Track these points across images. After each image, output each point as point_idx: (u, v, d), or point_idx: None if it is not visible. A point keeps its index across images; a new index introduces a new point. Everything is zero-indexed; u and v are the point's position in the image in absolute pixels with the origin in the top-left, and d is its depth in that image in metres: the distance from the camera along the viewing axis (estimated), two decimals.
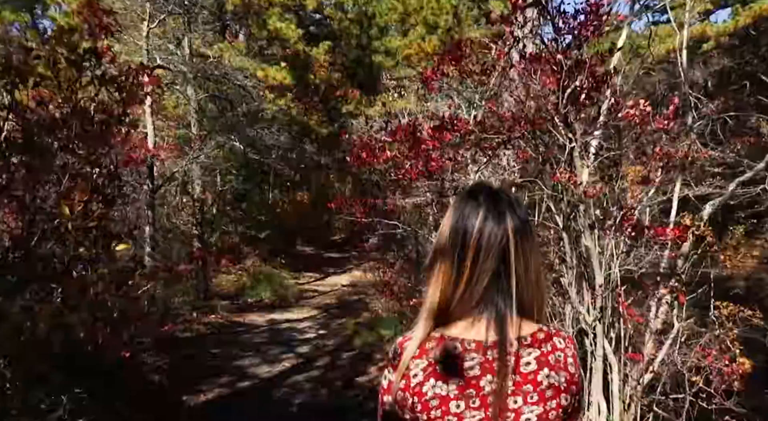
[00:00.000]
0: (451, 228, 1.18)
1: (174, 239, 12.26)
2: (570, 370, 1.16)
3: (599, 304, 4.21)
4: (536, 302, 1.19)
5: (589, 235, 4.08)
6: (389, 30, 20.66)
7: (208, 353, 8.19)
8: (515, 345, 1.12)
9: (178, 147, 10.84)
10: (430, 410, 1.10)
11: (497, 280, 1.14)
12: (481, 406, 1.10)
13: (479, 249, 1.14)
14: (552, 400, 1.12)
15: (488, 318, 1.13)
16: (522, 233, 1.16)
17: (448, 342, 1.13)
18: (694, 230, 5.32)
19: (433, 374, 1.12)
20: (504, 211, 1.17)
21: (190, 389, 6.67)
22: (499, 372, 1.10)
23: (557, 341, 1.17)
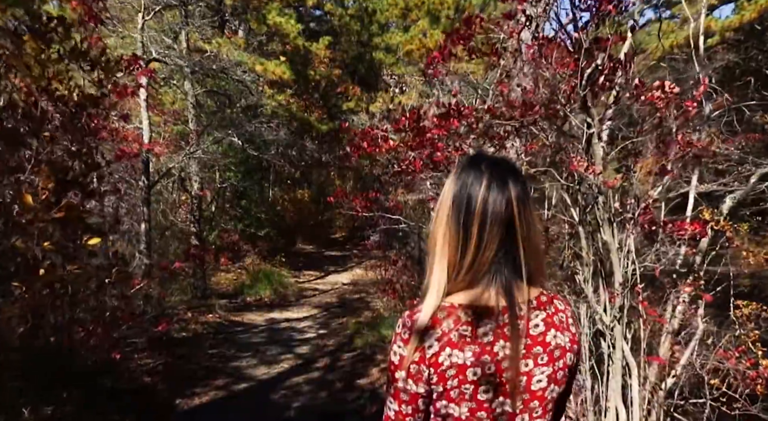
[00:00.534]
0: (454, 197, 1.16)
1: (171, 237, 11.94)
2: (572, 330, 1.19)
3: (618, 303, 3.88)
4: (538, 266, 1.19)
5: (608, 229, 3.75)
6: (390, 27, 20.37)
7: (204, 353, 7.87)
8: (524, 309, 1.13)
9: (174, 142, 10.51)
10: (447, 380, 1.09)
11: (503, 247, 1.13)
12: (496, 372, 1.09)
13: (485, 217, 1.12)
14: (559, 360, 1.14)
15: (498, 284, 1.12)
16: (524, 201, 1.15)
17: (460, 310, 1.12)
18: (713, 225, 5.01)
19: (449, 344, 1.09)
20: (507, 179, 1.15)
21: (184, 391, 6.34)
22: (512, 337, 1.09)
23: (558, 303, 1.21)
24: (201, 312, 10.03)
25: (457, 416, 1.12)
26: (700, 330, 4.07)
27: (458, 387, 1.09)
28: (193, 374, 6.96)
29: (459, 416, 1.12)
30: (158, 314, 7.53)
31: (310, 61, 16.07)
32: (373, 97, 17.83)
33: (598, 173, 3.51)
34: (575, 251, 4.32)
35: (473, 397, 1.10)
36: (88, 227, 3.27)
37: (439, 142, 4.14)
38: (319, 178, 20.95)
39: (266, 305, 11.50)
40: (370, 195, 4.98)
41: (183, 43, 11.29)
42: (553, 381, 1.15)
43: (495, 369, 1.10)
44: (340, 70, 18.22)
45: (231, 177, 13.88)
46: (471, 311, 1.12)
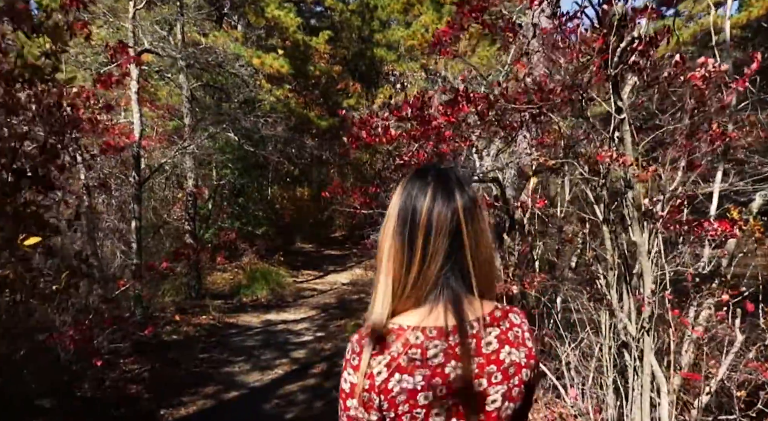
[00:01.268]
0: (399, 209, 1.13)
1: (165, 235, 11.47)
2: (528, 344, 1.15)
3: (648, 312, 3.41)
4: (489, 280, 1.15)
5: (638, 228, 3.27)
6: (391, 23, 19.93)
7: (194, 358, 7.40)
8: (476, 326, 1.09)
9: (168, 138, 10.05)
10: (398, 406, 1.05)
11: (450, 261, 1.09)
12: (448, 394, 1.05)
13: (429, 229, 1.09)
14: (515, 377, 1.10)
15: (445, 302, 1.08)
16: (471, 212, 1.11)
17: (409, 332, 1.07)
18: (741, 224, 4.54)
19: (397, 369, 1.05)
20: (452, 189, 1.12)
21: (170, 400, 5.88)
22: (464, 357, 1.05)
23: (513, 317, 1.16)
24: (194, 314, 9.57)
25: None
26: (738, 341, 3.60)
27: (409, 412, 1.05)
28: (182, 381, 6.49)
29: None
30: (145, 317, 7.05)
31: (309, 56, 15.59)
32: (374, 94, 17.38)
33: (629, 165, 3.03)
34: (596, 253, 3.86)
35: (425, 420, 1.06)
36: (45, 224, 2.81)
37: (446, 131, 3.67)
38: (319, 176, 20.47)
39: (263, 306, 11.03)
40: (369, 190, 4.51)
41: (178, 35, 10.82)
42: (508, 399, 1.10)
43: (447, 391, 1.06)
44: (340, 66, 17.76)
45: (228, 174, 13.41)
46: (420, 333, 1.07)
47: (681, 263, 4.09)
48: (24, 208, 2.65)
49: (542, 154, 3.94)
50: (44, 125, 5.51)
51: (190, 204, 11.23)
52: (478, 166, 4.25)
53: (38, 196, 2.89)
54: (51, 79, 3.11)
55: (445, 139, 3.81)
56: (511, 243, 4.85)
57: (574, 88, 3.06)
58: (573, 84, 3.05)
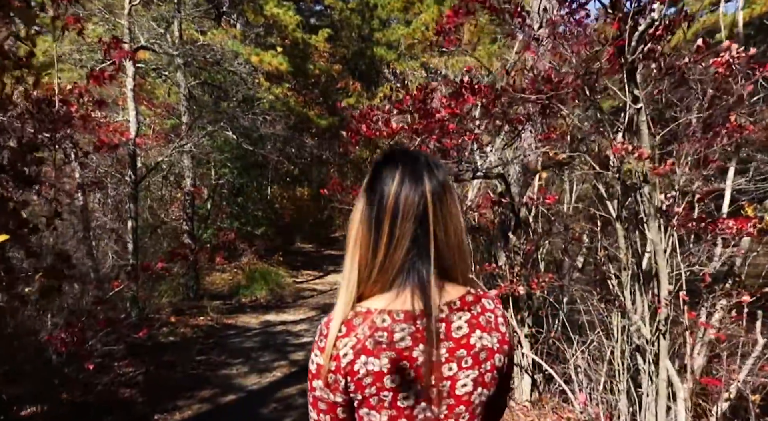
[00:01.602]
0: (367, 193, 1.12)
1: (163, 235, 11.26)
2: (501, 330, 1.12)
3: (664, 314, 3.21)
4: (460, 265, 1.12)
5: (654, 226, 3.07)
6: (391, 23, 19.73)
7: (191, 360, 7.19)
8: (445, 310, 1.07)
9: (166, 136, 9.85)
10: (365, 388, 1.04)
11: (417, 245, 1.07)
12: (417, 377, 1.04)
13: (396, 213, 1.07)
14: (486, 362, 1.08)
15: (412, 285, 1.07)
16: (440, 196, 1.10)
17: (375, 315, 1.06)
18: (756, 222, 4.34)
19: (363, 351, 1.04)
20: (421, 173, 1.10)
21: (165, 404, 5.67)
22: (429, 340, 1.04)
23: (486, 302, 1.14)
24: (192, 315, 9.37)
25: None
26: (760, 345, 3.39)
27: (377, 395, 1.04)
28: (177, 384, 6.28)
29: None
30: (141, 318, 6.85)
31: (309, 55, 15.38)
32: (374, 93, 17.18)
33: (646, 158, 2.83)
34: (608, 252, 3.66)
35: (393, 404, 1.05)
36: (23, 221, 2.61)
37: (450, 124, 3.47)
38: (319, 176, 20.24)
39: (262, 307, 10.83)
40: None
41: (175, 32, 10.62)
42: (480, 385, 1.08)
43: (415, 375, 1.04)
44: (340, 65, 17.55)
45: (227, 174, 13.20)
46: (387, 316, 1.06)
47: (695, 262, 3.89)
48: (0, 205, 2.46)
49: (551, 148, 3.73)
50: (34, 121, 5.32)
51: (188, 204, 11.03)
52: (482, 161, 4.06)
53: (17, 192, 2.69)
54: (26, 66, 2.89)
55: (448, 133, 3.60)
56: (516, 242, 4.65)
57: (587, 77, 2.85)
58: (586, 72, 2.85)
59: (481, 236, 5.31)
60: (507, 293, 4.46)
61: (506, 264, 4.58)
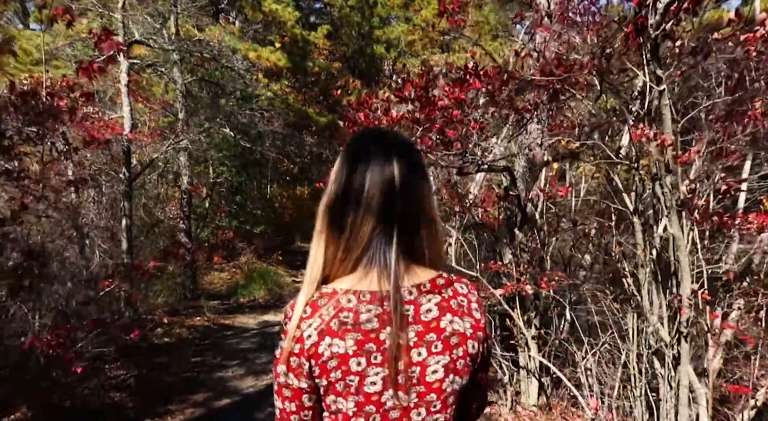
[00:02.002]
0: (335, 172, 1.09)
1: (160, 234, 11.01)
2: (475, 315, 1.07)
3: (686, 316, 2.95)
4: (432, 248, 1.09)
5: (676, 220, 2.81)
6: (391, 21, 19.47)
7: (186, 362, 6.93)
8: (414, 292, 1.03)
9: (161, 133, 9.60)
10: (330, 372, 0.98)
11: (383, 226, 1.03)
12: (384, 361, 0.99)
13: (361, 196, 1.03)
14: (458, 347, 1.03)
15: (379, 266, 1.02)
16: (410, 177, 1.06)
17: (341, 295, 1.02)
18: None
19: (328, 332, 0.99)
20: (390, 153, 1.06)
21: (156, 408, 5.42)
22: (395, 322, 0.99)
23: (459, 286, 1.09)
24: (188, 315, 9.11)
25: (345, 411, 0.99)
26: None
27: (342, 379, 0.97)
28: (170, 387, 6.03)
29: (346, 411, 0.99)
30: (133, 319, 6.59)
31: (308, 52, 15.11)
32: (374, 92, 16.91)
33: (669, 145, 2.57)
34: (623, 249, 3.40)
35: (359, 390, 0.98)
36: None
37: (454, 111, 3.21)
38: (319, 174, 19.97)
39: (260, 307, 10.58)
40: None
41: (172, 28, 10.37)
42: (451, 371, 1.01)
43: (382, 359, 0.98)
44: (339, 63, 17.29)
45: (225, 172, 12.95)
46: (353, 296, 1.01)
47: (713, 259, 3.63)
48: None
49: (563, 138, 3.47)
50: (18, 114, 5.07)
51: (185, 202, 10.79)
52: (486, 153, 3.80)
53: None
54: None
55: (451, 122, 3.35)
56: (523, 239, 4.39)
57: (603, 58, 2.60)
58: (602, 52, 2.59)
59: (484, 233, 5.05)
60: (514, 292, 4.21)
61: (512, 262, 4.32)
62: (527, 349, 4.62)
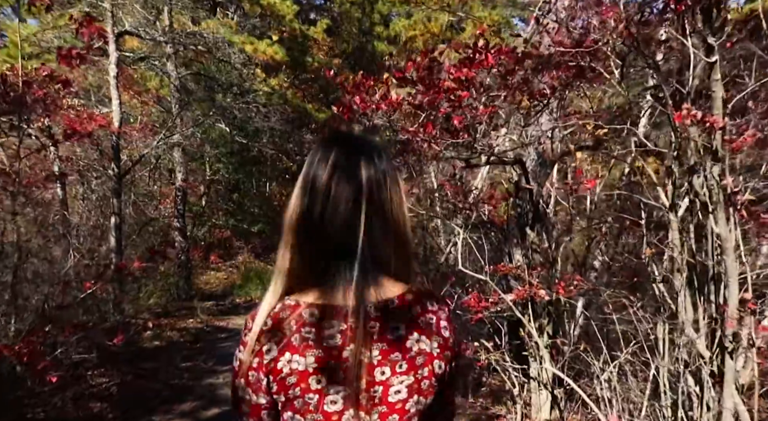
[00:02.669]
0: (303, 177, 1.02)
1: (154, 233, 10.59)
2: (444, 334, 1.01)
3: (733, 329, 2.51)
4: (401, 260, 1.02)
5: (723, 216, 2.37)
6: (392, 18, 19.07)
7: (175, 367, 6.51)
8: (380, 309, 0.97)
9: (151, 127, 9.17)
10: (288, 389, 0.93)
11: (350, 236, 0.96)
12: (346, 380, 0.93)
13: (328, 199, 0.97)
14: (424, 367, 0.97)
15: (345, 279, 0.96)
16: (379, 185, 1.00)
17: (304, 309, 0.96)
18: None
19: (288, 348, 0.93)
20: (358, 159, 1.00)
21: (139, 419, 4.99)
22: (359, 340, 0.93)
23: (428, 302, 1.02)
24: (180, 316, 8.69)
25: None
26: None
27: (301, 397, 0.92)
28: (157, 395, 5.59)
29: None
30: (118, 322, 6.16)
31: (308, 48, 14.68)
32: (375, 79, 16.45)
33: (720, 128, 2.13)
34: (654, 251, 2.96)
35: (319, 408, 0.92)
36: None
37: (463, 92, 2.78)
38: None
39: None
40: None
41: (165, 20, 9.94)
42: (415, 392, 0.96)
43: (344, 377, 0.93)
44: (339, 59, 16.86)
45: (222, 169, 12.53)
46: (316, 310, 0.95)
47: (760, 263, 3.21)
48: None
49: (588, 123, 3.04)
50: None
51: (179, 200, 10.37)
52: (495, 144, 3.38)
53: None
54: None
55: (459, 105, 2.91)
56: (535, 238, 3.96)
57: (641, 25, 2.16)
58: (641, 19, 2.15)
59: (491, 232, 4.61)
60: (526, 298, 3.78)
61: (524, 263, 3.89)
62: (539, 359, 4.19)
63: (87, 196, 8.47)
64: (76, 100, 7.32)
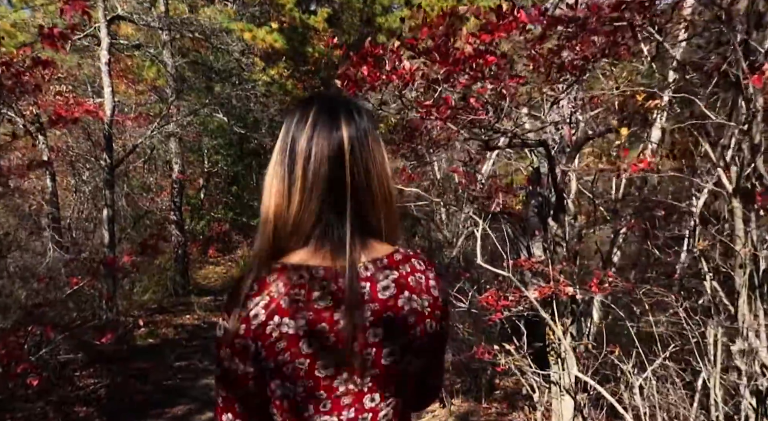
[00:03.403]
0: (281, 140, 0.98)
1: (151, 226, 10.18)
2: (433, 293, 0.98)
3: None
4: (387, 221, 0.99)
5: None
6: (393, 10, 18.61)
7: (168, 367, 6.11)
8: (370, 268, 0.93)
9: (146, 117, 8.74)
10: (277, 355, 0.87)
11: (333, 195, 0.93)
12: (337, 343, 0.88)
13: (308, 160, 0.93)
14: (415, 327, 0.94)
15: (332, 239, 0.92)
16: (361, 142, 0.96)
17: (292, 271, 0.90)
18: None
19: (277, 311, 0.88)
20: (338, 118, 0.96)
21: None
22: (351, 300, 0.89)
23: (416, 262, 0.99)
24: (176, 313, 8.29)
25: (292, 397, 0.88)
26: None
27: (291, 362, 0.86)
28: (147, 398, 5.21)
29: (295, 397, 0.88)
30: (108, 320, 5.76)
31: (308, 38, 14.21)
32: None
33: None
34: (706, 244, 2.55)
35: (310, 374, 0.87)
36: None
37: (491, 56, 2.37)
38: None
39: None
40: None
41: (161, 7, 9.49)
42: (408, 352, 0.93)
43: (336, 340, 0.88)
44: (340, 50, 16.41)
45: (220, 161, 12.11)
46: (305, 272, 0.90)
47: None
48: None
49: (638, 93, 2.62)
50: None
51: (176, 192, 9.95)
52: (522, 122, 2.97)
53: None
54: None
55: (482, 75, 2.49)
56: (559, 230, 3.55)
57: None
58: None
59: (507, 223, 4.20)
60: (549, 296, 3.37)
61: (548, 258, 3.48)
62: (561, 362, 3.80)
63: (79, 188, 8.05)
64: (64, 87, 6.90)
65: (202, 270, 11.62)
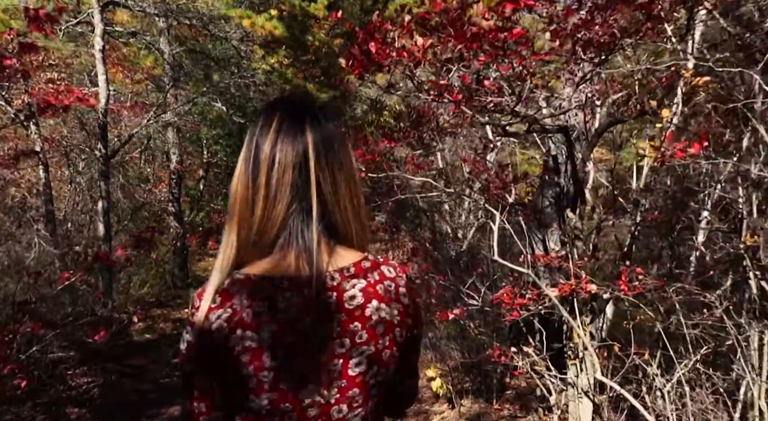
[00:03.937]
0: (244, 150, 0.95)
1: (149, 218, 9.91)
2: (403, 301, 0.95)
3: None
4: (355, 227, 0.95)
5: None
6: None
7: (166, 364, 5.87)
8: (336, 277, 0.90)
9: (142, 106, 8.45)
10: (241, 368, 0.84)
11: (299, 202, 0.90)
12: (303, 354, 0.86)
13: (272, 165, 0.90)
14: (384, 336, 0.91)
15: (297, 248, 0.89)
16: (327, 147, 0.93)
17: (256, 282, 0.88)
18: None
19: (240, 324, 0.85)
20: (302, 123, 0.93)
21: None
22: (317, 312, 0.87)
23: (386, 269, 0.96)
24: (175, 306, 8.06)
25: (257, 410, 0.85)
26: None
27: (255, 376, 0.84)
28: (143, 397, 4.98)
29: (260, 410, 0.85)
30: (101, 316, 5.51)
31: (308, 26, 13.86)
32: None
33: None
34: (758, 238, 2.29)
35: (275, 386, 0.84)
36: None
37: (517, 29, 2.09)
38: None
39: None
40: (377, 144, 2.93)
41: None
42: (376, 363, 0.90)
43: (302, 352, 0.86)
44: (342, 39, 16.05)
45: (220, 151, 11.82)
46: (269, 283, 0.87)
47: None
48: None
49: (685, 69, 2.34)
50: None
51: (174, 183, 9.68)
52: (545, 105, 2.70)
53: None
54: None
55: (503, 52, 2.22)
56: (578, 222, 3.28)
57: None
58: None
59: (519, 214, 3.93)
60: (569, 294, 3.11)
61: (566, 252, 3.22)
62: (579, 363, 3.54)
63: (74, 179, 7.78)
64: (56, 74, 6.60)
65: (201, 262, 11.38)
